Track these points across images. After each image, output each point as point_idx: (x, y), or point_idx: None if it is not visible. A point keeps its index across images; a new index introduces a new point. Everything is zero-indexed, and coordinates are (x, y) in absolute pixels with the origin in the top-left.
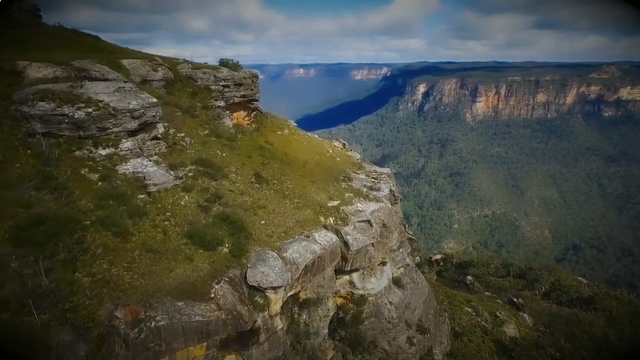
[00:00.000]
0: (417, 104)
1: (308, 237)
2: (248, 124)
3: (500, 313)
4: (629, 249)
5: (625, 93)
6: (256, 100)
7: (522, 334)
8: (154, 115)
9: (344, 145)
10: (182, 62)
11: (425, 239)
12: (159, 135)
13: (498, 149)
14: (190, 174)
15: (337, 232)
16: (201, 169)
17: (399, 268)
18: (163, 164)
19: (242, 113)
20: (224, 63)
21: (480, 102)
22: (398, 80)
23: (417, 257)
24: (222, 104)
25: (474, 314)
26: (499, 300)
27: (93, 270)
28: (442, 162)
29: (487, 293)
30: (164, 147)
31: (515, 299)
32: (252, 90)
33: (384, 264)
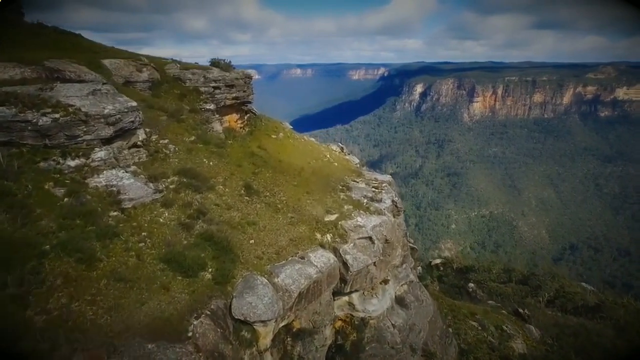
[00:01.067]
0: (415, 104)
1: (303, 258)
2: (241, 127)
3: (506, 326)
4: (626, 249)
5: (621, 93)
6: (249, 103)
7: (530, 348)
8: (132, 121)
9: (342, 149)
10: (170, 62)
11: (423, 239)
12: (139, 143)
13: (495, 149)
14: (172, 186)
15: (335, 251)
16: (185, 180)
17: (402, 285)
18: (142, 175)
19: (235, 116)
20: (215, 63)
21: (477, 102)
22: (395, 81)
23: (419, 268)
24: (212, 106)
25: (479, 328)
26: (504, 311)
27: (49, 307)
28: (440, 162)
29: (490, 302)
30: (144, 155)
31: (520, 310)
32: (245, 91)
33: (386, 282)
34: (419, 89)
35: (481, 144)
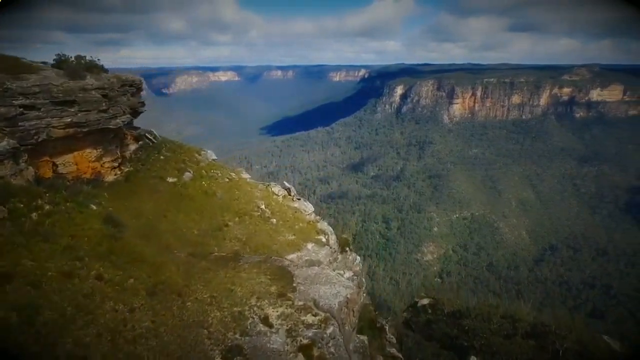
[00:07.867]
0: (395, 106)
1: None
2: (113, 169)
3: None
4: (603, 248)
5: (595, 94)
6: (108, 129)
7: None
8: None
9: (288, 191)
10: None
11: (405, 242)
12: None
13: (475, 150)
14: None
15: None
16: None
17: None
18: None
19: (91, 153)
20: (63, 62)
21: (457, 103)
22: (376, 82)
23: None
24: (7, 144)
25: None
26: None
27: None
28: (421, 164)
29: None
30: None
31: None
32: (104, 111)
33: None
34: (399, 90)
35: (461, 146)
